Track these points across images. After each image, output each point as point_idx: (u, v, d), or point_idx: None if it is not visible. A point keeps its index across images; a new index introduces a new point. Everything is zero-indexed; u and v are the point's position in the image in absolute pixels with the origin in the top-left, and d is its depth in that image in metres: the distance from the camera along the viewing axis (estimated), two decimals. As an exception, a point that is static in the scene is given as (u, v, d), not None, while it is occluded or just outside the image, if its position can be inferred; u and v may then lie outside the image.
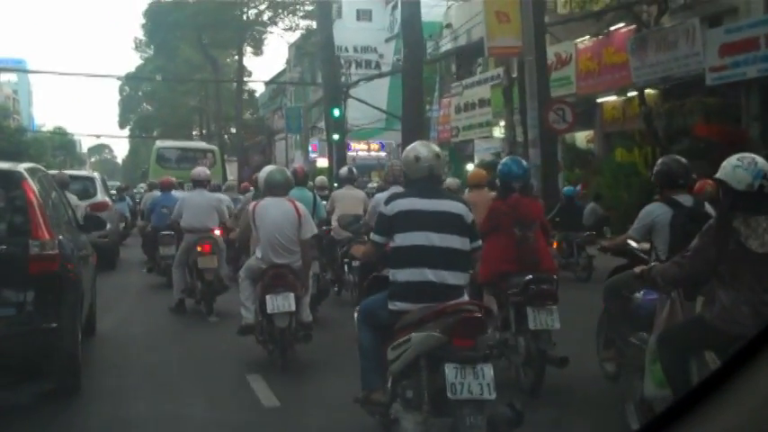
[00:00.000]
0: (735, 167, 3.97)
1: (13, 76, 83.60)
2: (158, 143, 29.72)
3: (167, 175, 15.17)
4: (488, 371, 3.93)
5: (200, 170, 10.66)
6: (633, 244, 5.39)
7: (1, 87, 75.81)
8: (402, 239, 4.42)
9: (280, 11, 45.03)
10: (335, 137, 25.86)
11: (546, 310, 5.75)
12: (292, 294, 6.62)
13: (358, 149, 40.94)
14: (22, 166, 6.04)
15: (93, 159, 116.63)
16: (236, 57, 50.47)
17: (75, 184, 13.92)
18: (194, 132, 60.76)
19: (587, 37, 18.47)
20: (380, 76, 31.94)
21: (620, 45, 17.48)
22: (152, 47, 56.16)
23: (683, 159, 5.39)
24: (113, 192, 21.69)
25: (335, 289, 10.49)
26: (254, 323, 6.92)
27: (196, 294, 9.84)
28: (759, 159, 3.98)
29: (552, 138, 15.98)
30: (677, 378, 4.05)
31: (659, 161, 5.52)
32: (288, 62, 50.16)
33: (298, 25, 45.21)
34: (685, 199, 5.14)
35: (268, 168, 7.64)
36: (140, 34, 54.42)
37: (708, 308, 4.10)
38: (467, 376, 3.88)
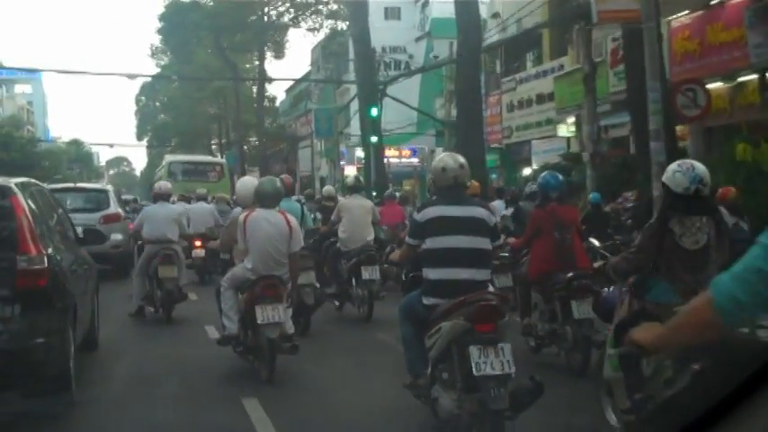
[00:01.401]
0: (675, 172, 4.61)
1: (27, 88, 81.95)
2: (168, 157, 30.54)
3: (178, 187, 16.04)
4: (507, 349, 4.48)
5: (162, 184, 11.12)
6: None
7: (14, 98, 73.78)
8: (433, 242, 5.01)
9: (302, 11, 42.57)
10: (373, 139, 22.97)
11: (587, 301, 6.49)
12: (281, 305, 6.66)
13: (388, 156, 38.15)
14: (13, 181, 6.05)
15: (111, 172, 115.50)
16: (257, 61, 48.44)
17: (89, 196, 15.10)
18: (213, 142, 58.60)
19: (685, 12, 15.40)
20: (423, 70, 28.92)
21: (731, 19, 14.40)
22: (168, 53, 54.44)
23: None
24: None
25: (336, 304, 10.19)
26: (236, 334, 6.89)
27: (155, 302, 10.10)
28: (698, 165, 4.61)
29: (644, 132, 12.87)
30: (629, 364, 4.58)
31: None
32: (312, 64, 47.42)
33: (321, 25, 42.85)
34: (726, 215, 5.65)
35: (248, 179, 7.71)
36: (157, 41, 52.30)
37: (642, 298, 4.75)
38: (489, 355, 4.43)
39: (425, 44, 38.42)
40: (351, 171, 39.88)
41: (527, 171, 22.18)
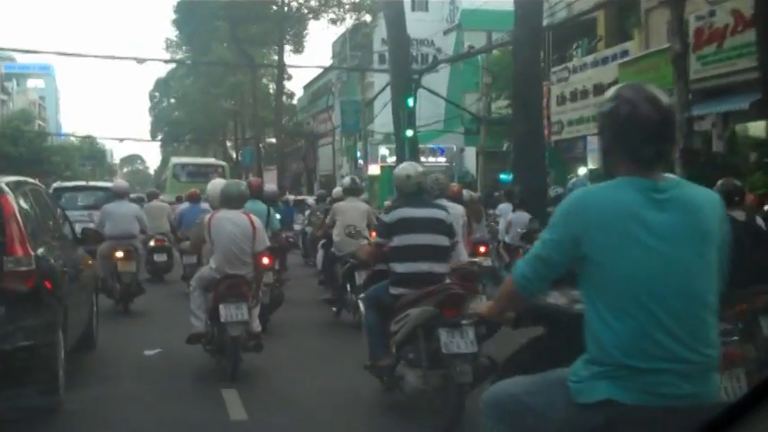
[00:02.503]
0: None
1: (40, 83, 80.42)
2: (174, 159, 31.64)
3: (181, 188, 16.76)
4: (471, 331, 5.02)
5: (120, 183, 12.25)
6: None
7: (26, 93, 72.00)
8: (400, 240, 5.77)
9: (324, 2, 40.26)
10: (409, 133, 20.55)
11: None
12: (245, 304, 6.79)
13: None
14: (4, 180, 5.95)
15: (125, 170, 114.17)
16: (275, 56, 46.26)
17: (99, 194, 15.66)
18: (228, 142, 56.54)
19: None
20: (467, 56, 26.45)
21: None
22: (184, 47, 52.52)
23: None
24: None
25: (334, 309, 10.04)
26: (203, 332, 7.00)
27: (114, 295, 10.46)
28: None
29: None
30: None
31: (719, 183, 6.05)
32: (334, 57, 45.10)
33: (344, 18, 40.50)
34: (739, 215, 5.83)
35: (218, 181, 8.05)
36: (172, 35, 50.21)
37: None
38: (455, 336, 5.02)
39: (455, 37, 36.02)
40: (374, 170, 37.71)
41: (582, 170, 19.71)
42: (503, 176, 22.60)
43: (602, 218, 2.44)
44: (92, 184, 19.59)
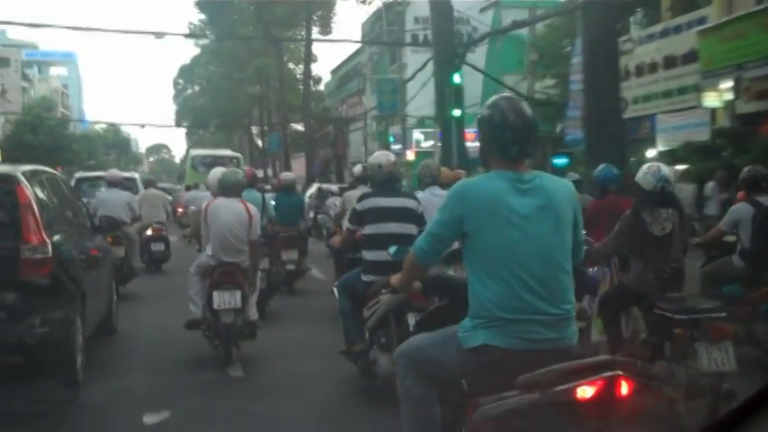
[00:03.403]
0: (645, 173, 5.57)
1: (63, 70, 79.33)
2: (192, 151, 34.31)
3: (199, 177, 17.88)
4: None
5: (114, 172, 13.06)
6: None
7: (48, 80, 70.84)
8: (370, 229, 5.92)
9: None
10: (456, 113, 18.49)
11: None
12: (239, 292, 6.85)
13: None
14: (20, 169, 6.01)
15: (151, 159, 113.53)
16: (301, 38, 44.34)
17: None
18: (254, 129, 54.91)
19: None
20: (520, 26, 24.20)
21: None
22: (207, 32, 50.95)
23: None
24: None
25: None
26: (200, 318, 7.07)
27: None
28: (663, 167, 5.63)
29: None
30: (611, 328, 5.77)
31: (745, 169, 7.23)
32: (364, 37, 43.05)
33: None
34: (765, 199, 6.79)
35: (219, 170, 7.94)
36: (195, 20, 48.63)
37: (626, 275, 5.90)
38: None
39: (492, 15, 33.81)
40: (410, 156, 35.79)
41: (651, 153, 17.56)
42: (556, 161, 20.46)
43: (478, 202, 3.09)
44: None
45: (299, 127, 48.63)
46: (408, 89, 29.39)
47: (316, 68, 49.86)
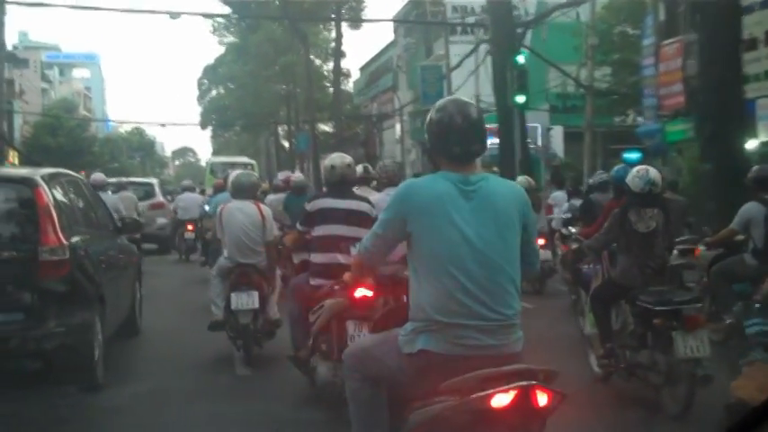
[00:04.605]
0: (633, 176, 5.96)
1: (86, 72, 77.88)
2: (212, 159, 37.31)
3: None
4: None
5: (98, 176, 13.87)
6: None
7: (70, 82, 69.30)
8: (319, 230, 5.81)
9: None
10: (519, 99, 15.86)
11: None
12: (256, 293, 6.97)
13: (491, 135, 31.07)
14: (39, 172, 6.17)
15: (176, 162, 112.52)
16: (327, 32, 42.25)
17: (139, 189, 18.79)
18: (280, 130, 52.85)
19: None
20: None
21: None
22: (231, 29, 49.15)
23: None
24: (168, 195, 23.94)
25: None
26: (222, 319, 7.22)
27: None
28: (652, 171, 5.96)
29: None
30: (601, 321, 6.12)
31: (754, 168, 7.51)
32: (396, 30, 40.61)
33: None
34: None
35: (236, 173, 8.16)
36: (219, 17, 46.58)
37: (613, 270, 6.25)
38: (363, 329, 4.97)
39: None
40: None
41: (751, 144, 14.80)
42: (627, 155, 17.95)
43: (422, 203, 3.07)
44: (132, 180, 21.68)
45: (327, 128, 46.46)
46: (453, 78, 26.77)
47: (344, 65, 47.61)
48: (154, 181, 22.03)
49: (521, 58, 15.73)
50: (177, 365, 7.26)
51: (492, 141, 28.81)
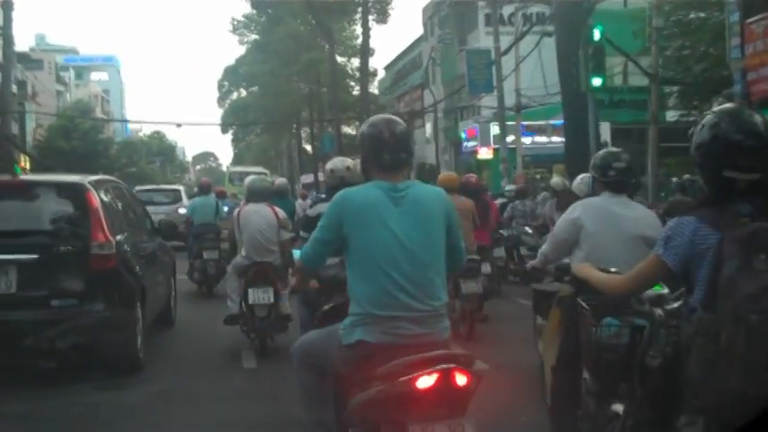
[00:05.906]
0: (579, 183, 6.86)
1: (104, 75, 76.45)
2: (231, 168, 42.07)
3: (236, 189, 23.04)
4: None
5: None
6: None
7: (88, 85, 67.73)
8: None
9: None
10: (595, 81, 13.40)
11: None
12: (272, 289, 7.57)
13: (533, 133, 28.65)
14: (88, 179, 7.11)
15: (198, 167, 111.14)
16: (354, 27, 40.12)
17: (167, 194, 22.67)
18: (303, 132, 50.81)
19: None
20: None
21: None
22: (252, 26, 47.24)
23: None
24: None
25: None
26: (237, 313, 7.87)
27: None
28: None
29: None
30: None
31: None
32: (425, 24, 38.32)
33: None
34: None
35: (251, 178, 8.70)
36: (238, 15, 44.96)
37: None
38: None
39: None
40: (486, 154, 30.74)
41: None
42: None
43: (356, 208, 3.39)
44: (161, 187, 26.10)
45: (349, 129, 44.35)
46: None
47: (369, 64, 45.38)
48: (180, 188, 26.32)
49: (596, 33, 13.22)
50: (188, 362, 7.74)
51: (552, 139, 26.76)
